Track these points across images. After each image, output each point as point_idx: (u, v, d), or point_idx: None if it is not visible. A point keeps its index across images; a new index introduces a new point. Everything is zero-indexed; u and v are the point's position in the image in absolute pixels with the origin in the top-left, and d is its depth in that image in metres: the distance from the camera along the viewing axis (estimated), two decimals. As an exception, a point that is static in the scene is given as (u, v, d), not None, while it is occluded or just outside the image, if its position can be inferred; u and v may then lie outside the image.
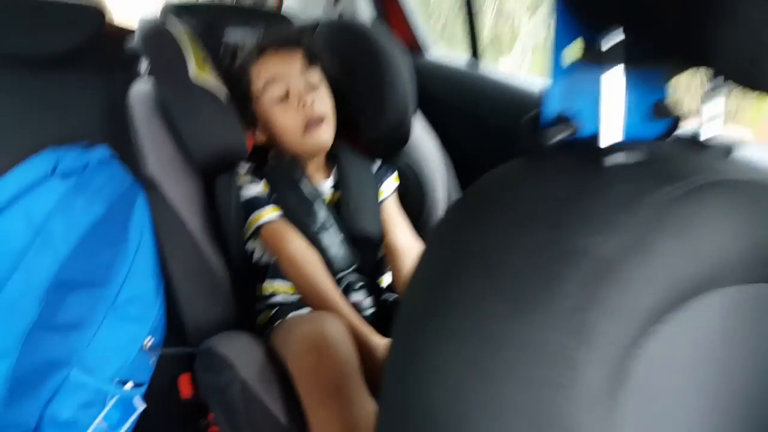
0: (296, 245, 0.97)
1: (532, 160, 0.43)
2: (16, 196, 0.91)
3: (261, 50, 1.05)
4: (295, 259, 0.96)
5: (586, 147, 0.42)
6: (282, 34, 1.07)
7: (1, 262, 0.84)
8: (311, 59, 1.04)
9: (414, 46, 1.77)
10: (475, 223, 0.40)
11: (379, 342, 0.89)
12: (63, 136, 1.08)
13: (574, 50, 0.44)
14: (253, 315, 1.05)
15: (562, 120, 0.43)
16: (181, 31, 1.05)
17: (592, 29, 0.41)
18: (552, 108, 0.43)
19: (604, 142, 0.41)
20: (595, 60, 0.41)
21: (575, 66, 0.43)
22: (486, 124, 1.44)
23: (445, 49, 1.80)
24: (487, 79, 1.51)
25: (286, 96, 1.01)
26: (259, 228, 0.99)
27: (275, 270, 1.02)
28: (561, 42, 0.43)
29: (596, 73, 0.41)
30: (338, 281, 1.00)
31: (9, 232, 0.87)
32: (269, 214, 1.00)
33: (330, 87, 1.08)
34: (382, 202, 1.13)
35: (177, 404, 1.01)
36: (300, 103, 1.00)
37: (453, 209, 0.44)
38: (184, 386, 0.99)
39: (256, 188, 1.02)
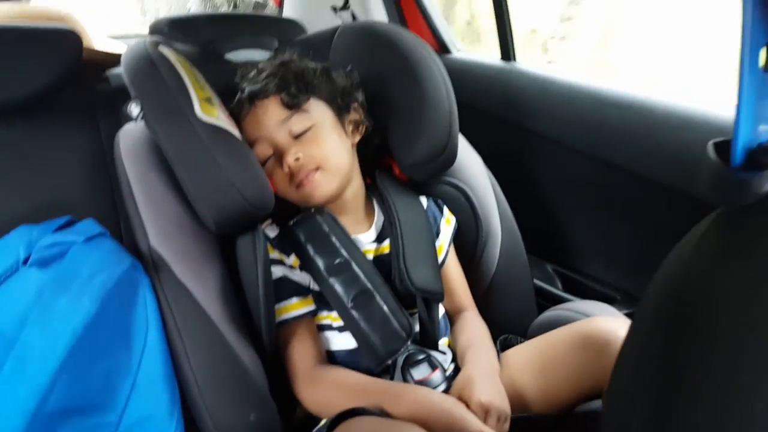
0: (305, 366, 0.81)
1: (742, 222, 0.31)
2: (-21, 296, 0.68)
3: (239, 106, 0.87)
4: (312, 379, 0.81)
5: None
6: (252, 83, 0.87)
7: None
8: (290, 104, 0.85)
9: (436, 48, 1.58)
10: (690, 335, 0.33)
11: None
12: (36, 206, 0.84)
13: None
14: (288, 408, 0.84)
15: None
16: (178, 59, 0.83)
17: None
18: (747, 137, 0.32)
19: None
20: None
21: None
22: (527, 131, 1.28)
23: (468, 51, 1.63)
24: (528, 79, 1.34)
25: (273, 154, 0.87)
26: (278, 324, 0.82)
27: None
28: (756, 41, 0.32)
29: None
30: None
31: (-29, 350, 0.65)
32: (293, 310, 0.83)
33: (354, 107, 0.93)
34: (442, 263, 0.95)
35: None
36: (284, 161, 0.85)
37: (654, 299, 0.37)
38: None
39: (282, 267, 0.84)
